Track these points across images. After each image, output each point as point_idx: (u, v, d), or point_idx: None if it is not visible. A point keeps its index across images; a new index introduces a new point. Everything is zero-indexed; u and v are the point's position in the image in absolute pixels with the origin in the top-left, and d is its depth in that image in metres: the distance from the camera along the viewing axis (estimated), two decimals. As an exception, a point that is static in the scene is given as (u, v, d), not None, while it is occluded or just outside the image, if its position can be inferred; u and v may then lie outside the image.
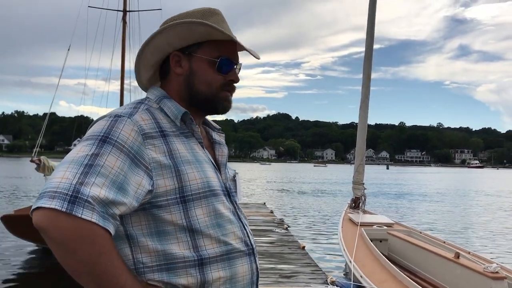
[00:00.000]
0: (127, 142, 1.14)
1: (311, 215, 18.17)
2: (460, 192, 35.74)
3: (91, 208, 1.02)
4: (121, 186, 1.09)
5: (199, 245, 1.19)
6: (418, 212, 20.63)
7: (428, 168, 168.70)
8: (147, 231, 1.18)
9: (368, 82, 9.67)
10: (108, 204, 1.05)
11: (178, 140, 1.25)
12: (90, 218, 1.01)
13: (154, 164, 1.16)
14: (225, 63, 1.31)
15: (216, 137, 1.43)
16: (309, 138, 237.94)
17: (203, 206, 1.22)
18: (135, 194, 1.12)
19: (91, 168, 1.06)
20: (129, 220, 1.18)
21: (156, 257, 1.17)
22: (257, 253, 1.38)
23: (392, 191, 34.27)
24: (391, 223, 8.30)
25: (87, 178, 1.04)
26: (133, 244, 1.18)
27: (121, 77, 16.61)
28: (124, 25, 16.65)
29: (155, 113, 1.26)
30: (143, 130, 1.18)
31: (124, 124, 1.17)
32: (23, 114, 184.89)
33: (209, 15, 1.31)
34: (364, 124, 9.84)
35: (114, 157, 1.10)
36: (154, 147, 1.18)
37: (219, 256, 1.22)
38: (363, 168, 9.69)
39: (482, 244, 12.73)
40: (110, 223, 1.05)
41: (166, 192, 1.18)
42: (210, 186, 1.24)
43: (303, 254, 7.88)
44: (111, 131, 1.14)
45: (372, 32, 9.70)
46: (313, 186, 37.93)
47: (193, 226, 1.20)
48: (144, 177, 1.14)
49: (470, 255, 6.06)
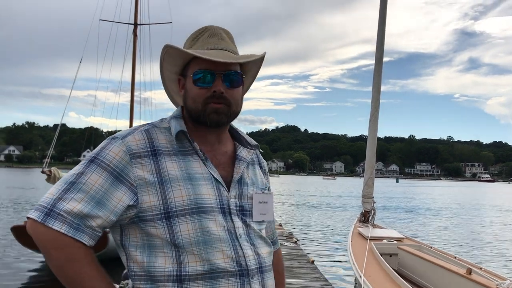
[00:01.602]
0: (112, 161, 1.25)
1: (321, 228, 18.05)
2: (471, 206, 35.33)
3: (63, 220, 1.17)
4: (100, 201, 1.22)
5: (182, 261, 1.24)
6: (429, 226, 20.42)
7: (438, 181, 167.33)
8: (140, 243, 1.28)
9: (377, 95, 9.63)
10: (84, 217, 1.19)
11: (172, 159, 1.30)
12: (59, 229, 1.17)
13: (139, 181, 1.25)
14: (199, 75, 1.33)
15: (241, 154, 1.44)
16: (318, 151, 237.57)
17: (188, 223, 1.25)
18: (114, 209, 1.23)
19: (73, 185, 1.22)
20: (127, 232, 1.29)
21: (142, 268, 1.26)
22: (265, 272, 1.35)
23: (402, 205, 33.99)
24: (401, 238, 8.20)
25: (67, 194, 1.21)
26: (127, 254, 1.30)
27: (132, 89, 16.75)
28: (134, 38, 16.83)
29: (155, 134, 1.33)
30: (131, 150, 1.27)
31: (114, 145, 1.28)
32: (33, 125, 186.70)
33: (200, 34, 1.41)
34: (374, 137, 9.78)
35: (97, 175, 1.23)
36: (142, 165, 1.27)
37: (200, 274, 1.23)
38: (372, 182, 9.61)
39: (494, 260, 12.54)
40: (84, 234, 1.19)
41: (151, 207, 1.25)
42: (198, 203, 1.26)
43: (313, 268, 7.82)
44: (100, 152, 1.27)
45: (382, 45, 9.69)
46: (322, 199, 37.75)
47: (177, 241, 1.24)
48: (126, 193, 1.24)
49: (482, 271, 5.96)
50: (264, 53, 1.44)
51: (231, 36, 1.45)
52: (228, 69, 1.35)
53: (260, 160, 1.58)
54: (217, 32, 1.40)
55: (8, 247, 11.22)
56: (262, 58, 1.44)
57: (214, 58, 1.31)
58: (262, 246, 1.37)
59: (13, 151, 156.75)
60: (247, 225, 1.35)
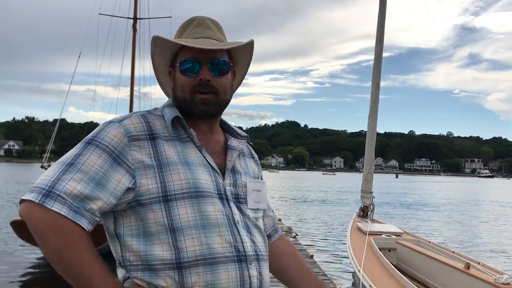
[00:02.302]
0: (111, 143, 1.23)
1: (319, 223, 18.09)
2: (470, 202, 35.39)
3: (62, 202, 1.12)
4: (100, 182, 1.18)
5: (180, 246, 1.22)
6: (427, 221, 20.45)
7: (437, 177, 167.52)
8: (136, 231, 1.25)
9: (377, 90, 9.62)
10: (84, 199, 1.15)
11: (169, 144, 1.30)
12: (59, 210, 1.11)
13: (137, 164, 1.24)
14: (185, 64, 1.34)
15: (232, 143, 1.45)
16: (318, 146, 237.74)
17: (187, 206, 1.24)
18: (113, 191, 1.20)
19: (71, 166, 1.18)
20: (122, 220, 1.26)
21: (139, 257, 1.23)
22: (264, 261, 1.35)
23: (401, 200, 34.04)
24: (400, 232, 8.22)
25: (65, 175, 1.16)
26: (121, 243, 1.27)
27: (131, 83, 16.74)
28: (134, 32, 16.80)
29: (151, 119, 1.34)
30: (130, 133, 1.26)
31: (112, 128, 1.26)
32: (33, 120, 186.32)
33: (188, 24, 1.42)
34: (373, 133, 9.78)
35: (96, 156, 1.20)
36: (140, 148, 1.25)
37: (200, 259, 1.22)
38: (371, 177, 9.62)
39: (492, 255, 12.58)
40: (83, 218, 1.15)
41: (149, 190, 1.23)
42: (197, 187, 1.26)
43: (312, 263, 7.83)
44: (98, 134, 1.25)
45: (382, 40, 9.67)
46: (321, 194, 37.79)
47: (175, 225, 1.22)
48: (124, 176, 1.22)
49: (480, 265, 5.98)
50: (252, 40, 1.42)
51: (219, 25, 1.45)
52: (214, 57, 1.34)
53: (251, 152, 1.59)
54: (204, 22, 1.41)
55: (8, 242, 11.24)
56: (249, 44, 1.42)
57: (198, 45, 1.31)
58: (258, 235, 1.37)
59: (13, 146, 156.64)
60: (243, 212, 1.35)
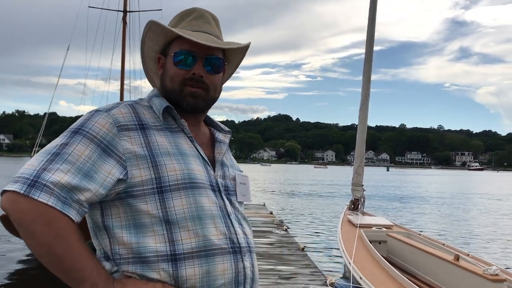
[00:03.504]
0: (99, 133, 1.19)
1: (311, 216, 18.14)
2: (460, 194, 35.68)
3: (50, 192, 1.07)
4: (88, 173, 1.13)
5: (175, 239, 1.19)
6: (418, 214, 20.59)
7: (428, 170, 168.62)
8: (125, 223, 1.20)
9: (368, 83, 9.65)
10: (72, 190, 1.10)
11: (160, 133, 1.27)
12: (46, 201, 1.06)
13: (128, 155, 1.20)
14: (180, 55, 1.31)
15: (219, 137, 1.44)
16: (310, 140, 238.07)
17: (182, 197, 1.21)
18: (103, 182, 1.15)
19: (57, 156, 1.12)
20: (109, 211, 1.22)
21: (131, 250, 1.19)
22: (256, 253, 1.35)
23: (391, 193, 34.23)
24: (390, 225, 8.28)
25: (52, 164, 1.11)
26: (110, 235, 1.22)
27: (121, 77, 16.61)
28: (124, 25, 16.64)
29: (139, 109, 1.30)
30: (119, 122, 1.22)
31: (100, 117, 1.22)
32: (23, 114, 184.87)
33: (186, 14, 1.38)
34: (364, 126, 9.82)
35: (83, 146, 1.16)
36: (130, 138, 1.21)
37: (196, 251, 1.19)
38: (362, 170, 9.67)
39: (481, 247, 12.70)
40: (72, 209, 1.10)
41: (142, 182, 1.20)
42: (191, 178, 1.24)
43: (303, 256, 7.87)
44: (85, 124, 1.20)
45: (372, 34, 9.69)
46: (313, 187, 37.89)
47: (170, 217, 1.19)
48: (115, 166, 1.18)
49: (470, 257, 6.04)
50: (249, 43, 1.41)
51: (217, 21, 1.43)
52: (210, 53, 1.33)
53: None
54: (204, 15, 1.38)
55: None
56: (246, 47, 1.41)
57: (197, 39, 1.28)
58: (247, 227, 1.37)
59: (3, 140, 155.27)
60: (233, 205, 1.34)
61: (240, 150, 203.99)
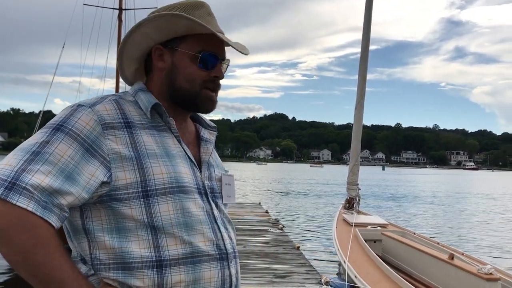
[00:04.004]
0: (82, 131, 1.10)
1: (306, 215, 18.16)
2: (455, 194, 35.80)
3: (29, 196, 0.98)
4: (70, 175, 1.05)
5: (160, 244, 1.12)
6: (413, 213, 20.65)
7: (423, 169, 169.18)
8: (107, 226, 1.13)
9: (363, 82, 9.66)
10: (53, 193, 1.02)
11: (147, 132, 1.19)
12: (26, 206, 0.97)
13: (113, 156, 1.11)
14: (208, 58, 1.25)
15: (205, 135, 1.36)
16: (306, 139, 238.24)
17: (169, 202, 1.14)
18: (86, 185, 1.07)
19: (38, 156, 1.03)
20: (90, 214, 1.13)
21: (113, 255, 1.11)
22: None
23: (387, 192, 34.32)
24: (385, 224, 8.30)
25: (31, 165, 1.01)
26: (91, 239, 1.13)
27: (117, 75, 16.56)
28: (119, 23, 16.58)
29: (124, 105, 1.21)
30: (104, 120, 1.13)
31: (83, 113, 1.12)
32: (18, 112, 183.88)
33: (194, 8, 1.25)
34: (359, 125, 9.83)
35: (66, 146, 1.06)
36: (115, 137, 1.13)
37: (182, 258, 1.14)
38: (357, 169, 9.68)
39: (476, 246, 12.75)
40: (52, 214, 1.01)
41: (127, 185, 1.12)
42: (179, 181, 1.17)
43: (298, 254, 7.87)
44: (67, 120, 1.11)
45: (368, 33, 9.69)
46: (308, 186, 37.92)
47: (155, 223, 1.13)
48: (99, 168, 1.09)
49: (464, 256, 6.06)
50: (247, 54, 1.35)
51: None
52: (225, 56, 1.31)
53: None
54: (211, 12, 1.30)
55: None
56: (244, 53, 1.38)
57: (241, 50, 1.27)
58: (232, 231, 1.32)
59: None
60: (219, 207, 1.29)
61: (236, 149, 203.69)
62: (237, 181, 32.65)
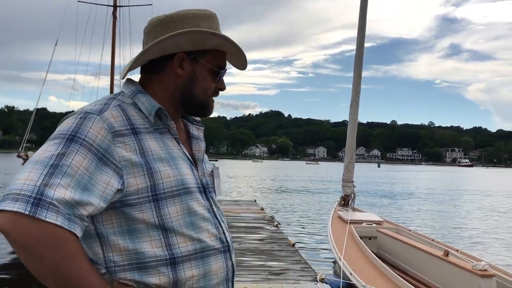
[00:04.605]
0: (95, 140, 1.12)
1: (302, 212, 18.19)
2: (450, 191, 35.95)
3: (56, 211, 0.99)
4: (87, 186, 1.06)
5: (172, 243, 1.18)
6: (408, 210, 20.72)
7: (419, 166, 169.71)
8: (119, 229, 1.16)
9: (358, 79, 9.66)
10: (75, 205, 1.03)
11: (151, 137, 1.22)
12: (54, 221, 0.98)
13: (124, 163, 1.14)
14: (222, 70, 1.36)
15: (194, 132, 1.41)
16: (301, 136, 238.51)
17: (177, 204, 1.20)
18: (102, 194, 1.09)
19: (57, 169, 1.04)
20: (100, 218, 1.16)
21: (128, 256, 1.16)
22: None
23: (382, 189, 34.40)
24: (381, 221, 8.31)
25: (52, 179, 1.02)
26: (104, 243, 1.17)
27: (111, 72, 16.52)
28: (114, 20, 16.49)
29: (127, 109, 1.23)
30: (113, 128, 1.16)
31: (93, 122, 1.14)
32: (13, 109, 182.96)
33: (210, 19, 1.32)
34: (355, 122, 9.84)
35: (81, 157, 1.08)
36: (125, 145, 1.16)
37: (192, 254, 1.20)
38: (353, 166, 9.69)
39: (471, 242, 12.80)
40: (76, 225, 1.03)
41: (138, 190, 1.15)
42: (184, 183, 1.22)
43: (293, 251, 7.87)
44: (79, 130, 1.12)
45: (363, 30, 9.70)
46: (304, 183, 37.98)
47: (166, 224, 1.18)
48: (113, 176, 1.12)
49: (459, 253, 6.07)
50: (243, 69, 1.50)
51: None
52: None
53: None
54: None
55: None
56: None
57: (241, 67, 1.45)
58: (225, 222, 1.38)
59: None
60: (214, 202, 1.34)
61: (232, 146, 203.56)
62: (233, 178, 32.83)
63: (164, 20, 1.29)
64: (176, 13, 1.30)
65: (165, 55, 1.29)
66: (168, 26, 1.27)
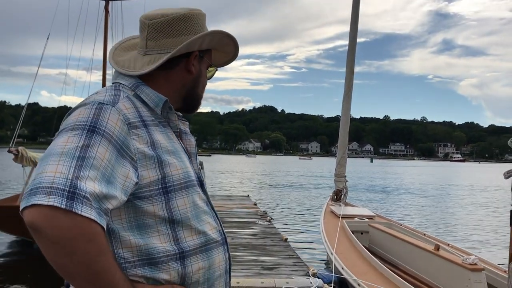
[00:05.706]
0: (114, 132, 1.09)
1: (294, 207, 18.23)
2: (441, 185, 36.18)
3: (89, 204, 0.96)
4: (109, 179, 1.04)
5: (179, 237, 1.19)
6: (400, 205, 20.84)
7: (411, 161, 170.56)
8: (127, 225, 1.14)
9: (351, 75, 9.68)
10: (102, 199, 1.00)
11: (157, 129, 1.22)
12: (89, 215, 0.95)
13: (139, 155, 1.13)
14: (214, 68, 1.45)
15: (181, 127, 1.38)
16: (295, 131, 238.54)
17: (184, 197, 1.21)
18: (123, 187, 1.07)
19: (84, 161, 1.00)
20: (109, 214, 1.11)
21: (138, 252, 1.14)
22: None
23: (374, 184, 34.57)
24: (372, 216, 8.36)
25: (82, 171, 0.98)
26: (114, 239, 1.14)
27: (103, 67, 16.37)
28: (106, 14, 16.35)
29: (136, 102, 1.22)
30: (128, 120, 1.14)
31: (110, 113, 1.12)
32: (5, 104, 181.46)
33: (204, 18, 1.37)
34: (347, 117, 9.86)
35: (104, 148, 1.05)
36: (138, 137, 1.15)
37: (198, 247, 1.22)
38: (345, 161, 9.72)
39: (461, 237, 12.91)
40: (104, 220, 1.00)
41: (150, 183, 1.15)
42: (189, 176, 1.24)
43: (286, 246, 7.89)
44: (98, 121, 1.09)
45: (356, 25, 9.70)
46: (297, 178, 38.06)
47: (175, 217, 1.18)
48: (130, 169, 1.10)
49: (450, 247, 6.13)
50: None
51: None
52: None
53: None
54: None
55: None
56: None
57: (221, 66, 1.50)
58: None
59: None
60: (208, 195, 1.36)
61: (225, 141, 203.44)
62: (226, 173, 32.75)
63: (182, 19, 1.29)
64: (190, 12, 1.30)
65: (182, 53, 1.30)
66: (190, 25, 1.30)
